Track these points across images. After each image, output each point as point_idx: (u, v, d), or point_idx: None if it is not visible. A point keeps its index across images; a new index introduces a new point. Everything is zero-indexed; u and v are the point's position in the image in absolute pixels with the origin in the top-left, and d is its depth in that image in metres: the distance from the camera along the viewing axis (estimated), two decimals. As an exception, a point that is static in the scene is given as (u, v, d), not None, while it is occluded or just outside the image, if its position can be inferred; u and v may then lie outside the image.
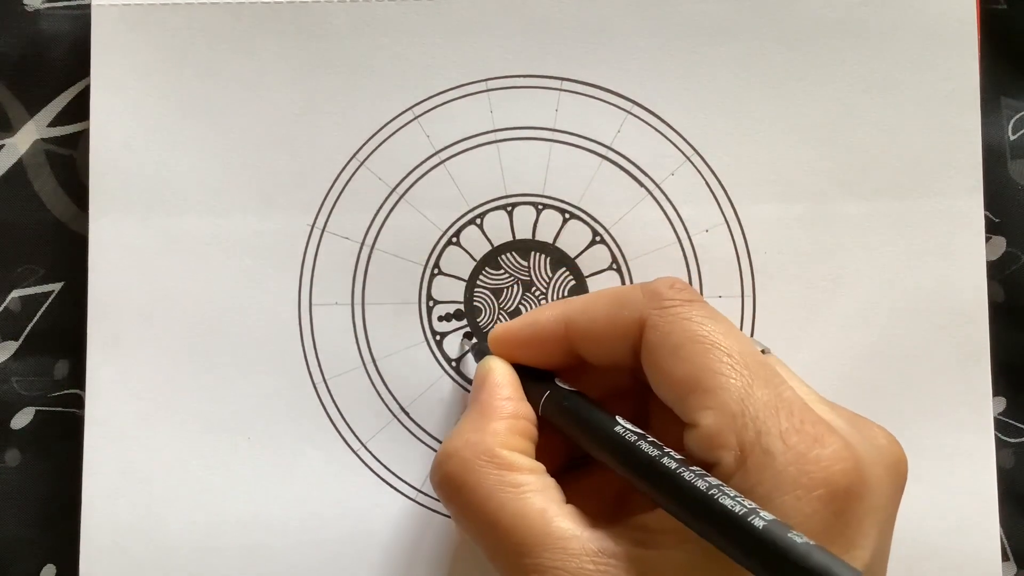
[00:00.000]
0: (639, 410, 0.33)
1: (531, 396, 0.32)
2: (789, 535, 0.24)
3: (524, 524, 0.28)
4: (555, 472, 0.30)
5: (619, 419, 0.29)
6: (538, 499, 0.28)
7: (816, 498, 0.26)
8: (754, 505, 0.25)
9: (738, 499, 0.25)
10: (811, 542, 0.23)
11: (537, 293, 0.37)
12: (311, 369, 0.37)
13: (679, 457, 0.27)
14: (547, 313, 0.32)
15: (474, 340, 0.37)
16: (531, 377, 0.33)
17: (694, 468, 0.27)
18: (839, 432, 0.27)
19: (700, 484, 0.26)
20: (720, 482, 0.26)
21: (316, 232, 0.37)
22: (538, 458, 0.30)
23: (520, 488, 0.29)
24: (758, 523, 0.24)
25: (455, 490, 0.29)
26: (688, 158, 0.37)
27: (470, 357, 0.37)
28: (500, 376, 0.32)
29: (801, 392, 0.29)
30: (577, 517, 0.28)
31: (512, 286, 0.37)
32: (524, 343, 0.33)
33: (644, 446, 0.28)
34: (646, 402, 0.33)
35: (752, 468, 0.26)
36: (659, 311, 0.29)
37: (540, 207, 0.37)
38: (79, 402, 0.37)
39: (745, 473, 0.26)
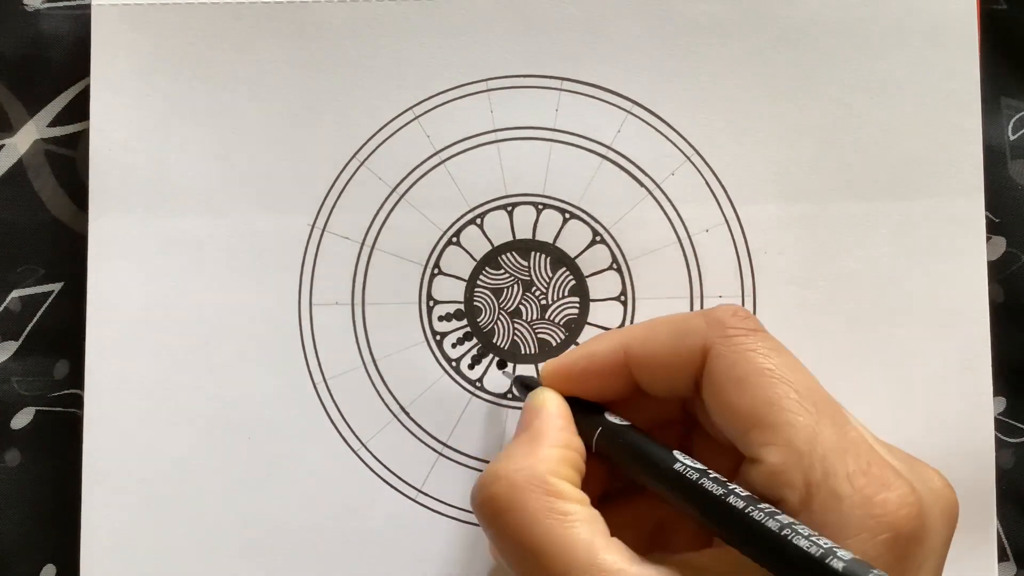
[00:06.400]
0: (684, 441, 0.33)
1: (582, 430, 0.31)
2: (871, 575, 0.23)
3: (570, 553, 0.27)
4: (593, 503, 0.30)
5: (678, 454, 0.29)
6: (585, 530, 0.28)
7: (881, 542, 0.25)
8: (830, 544, 0.24)
9: (813, 538, 0.24)
10: None
11: (537, 293, 0.37)
12: (311, 369, 0.37)
13: (745, 494, 0.27)
14: (604, 344, 0.32)
15: (516, 373, 0.37)
16: (582, 411, 0.32)
17: (763, 506, 0.26)
18: (903, 476, 0.27)
19: (771, 524, 0.25)
20: (792, 520, 0.25)
21: (316, 232, 0.37)
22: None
23: (568, 517, 0.28)
24: (836, 564, 0.24)
25: (499, 512, 0.29)
26: (688, 158, 0.37)
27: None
28: (554, 407, 0.32)
29: (862, 432, 0.28)
30: (623, 552, 0.28)
31: (512, 286, 0.37)
32: (580, 376, 0.32)
33: (707, 484, 0.27)
34: (692, 433, 0.33)
35: (818, 509, 0.26)
36: (723, 340, 0.29)
37: (540, 207, 0.37)
38: (79, 402, 0.37)
39: (810, 514, 0.26)
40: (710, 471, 0.28)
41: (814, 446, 0.27)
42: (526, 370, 0.37)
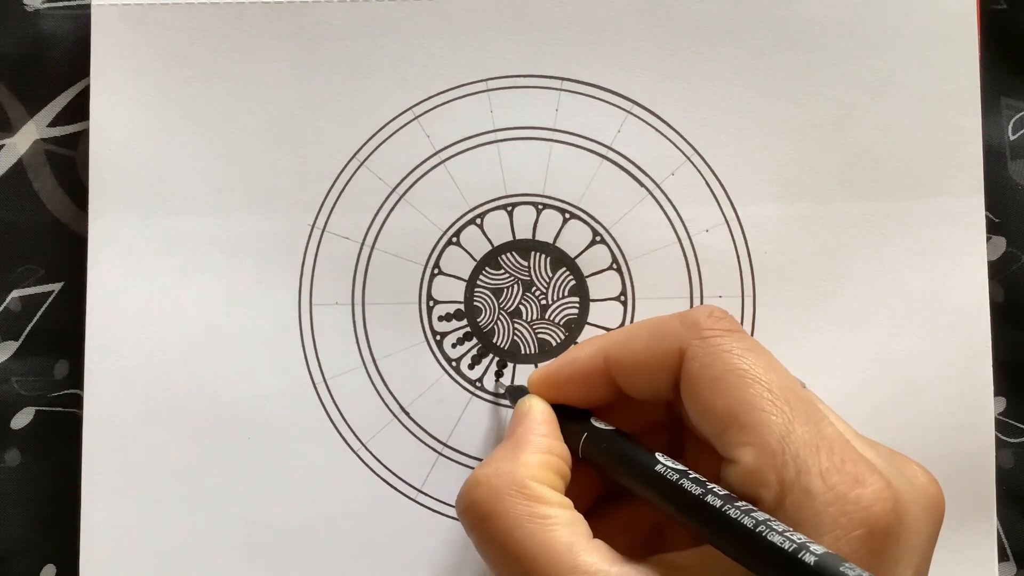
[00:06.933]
0: (674, 444, 0.33)
1: (569, 436, 0.32)
2: (842, 568, 0.23)
3: (550, 557, 0.27)
4: (587, 509, 0.30)
5: (659, 457, 0.29)
6: (565, 533, 0.28)
7: (855, 538, 0.26)
8: (804, 539, 0.24)
9: (787, 534, 0.25)
10: (865, 574, 0.23)
11: (537, 293, 0.37)
12: (311, 369, 0.37)
13: (723, 493, 0.27)
14: (586, 350, 0.32)
15: (508, 382, 0.37)
16: (568, 417, 0.32)
17: (739, 504, 0.26)
18: (879, 471, 0.27)
19: (747, 521, 0.25)
20: (768, 516, 0.26)
21: (316, 232, 0.37)
22: (569, 495, 0.30)
23: (548, 520, 0.28)
24: (809, 559, 0.24)
25: (481, 518, 0.29)
26: (688, 158, 0.37)
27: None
28: (539, 413, 0.32)
29: (840, 428, 0.29)
30: (604, 552, 0.28)
31: (512, 286, 0.37)
32: (565, 382, 0.32)
33: (687, 484, 0.28)
34: (681, 436, 0.33)
35: (791, 507, 0.26)
36: (699, 341, 0.29)
37: (540, 207, 0.37)
38: (79, 402, 0.37)
39: (784, 512, 0.26)
40: (690, 472, 0.28)
41: (787, 444, 0.27)
42: (526, 370, 0.37)
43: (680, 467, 0.29)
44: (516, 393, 0.34)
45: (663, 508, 0.28)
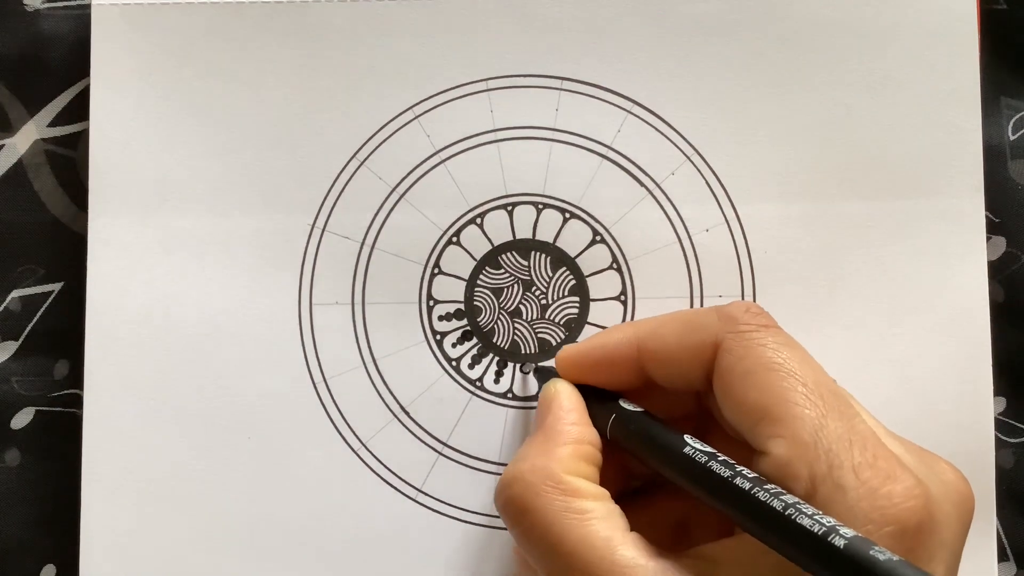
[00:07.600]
0: (700, 434, 0.33)
1: (597, 418, 0.32)
2: (872, 552, 0.23)
3: (588, 551, 0.28)
4: (615, 493, 0.30)
5: (688, 439, 0.29)
6: (603, 526, 0.28)
7: (886, 534, 0.25)
8: (834, 522, 0.24)
9: (817, 517, 0.25)
10: (895, 557, 0.23)
11: (537, 292, 0.37)
12: (311, 369, 0.37)
13: (752, 476, 0.27)
14: (617, 335, 0.32)
15: (535, 364, 0.37)
16: (596, 398, 0.32)
17: (769, 486, 0.26)
18: (910, 468, 0.27)
19: (776, 504, 0.25)
20: (797, 500, 0.25)
21: (316, 232, 0.37)
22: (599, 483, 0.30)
23: (585, 515, 0.28)
24: (838, 542, 0.24)
25: (519, 513, 0.29)
26: (688, 158, 0.37)
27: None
28: (566, 400, 0.32)
29: (871, 424, 0.29)
30: (641, 546, 0.28)
31: (512, 285, 0.37)
32: (593, 365, 0.33)
33: (716, 466, 0.27)
34: (707, 426, 0.33)
35: (822, 501, 0.26)
36: (734, 335, 0.29)
37: (540, 207, 0.37)
38: (79, 402, 0.37)
39: (814, 505, 0.26)
40: (719, 454, 0.28)
41: (819, 438, 0.27)
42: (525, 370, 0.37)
43: (709, 449, 0.28)
44: (543, 373, 0.34)
45: (692, 490, 0.28)
